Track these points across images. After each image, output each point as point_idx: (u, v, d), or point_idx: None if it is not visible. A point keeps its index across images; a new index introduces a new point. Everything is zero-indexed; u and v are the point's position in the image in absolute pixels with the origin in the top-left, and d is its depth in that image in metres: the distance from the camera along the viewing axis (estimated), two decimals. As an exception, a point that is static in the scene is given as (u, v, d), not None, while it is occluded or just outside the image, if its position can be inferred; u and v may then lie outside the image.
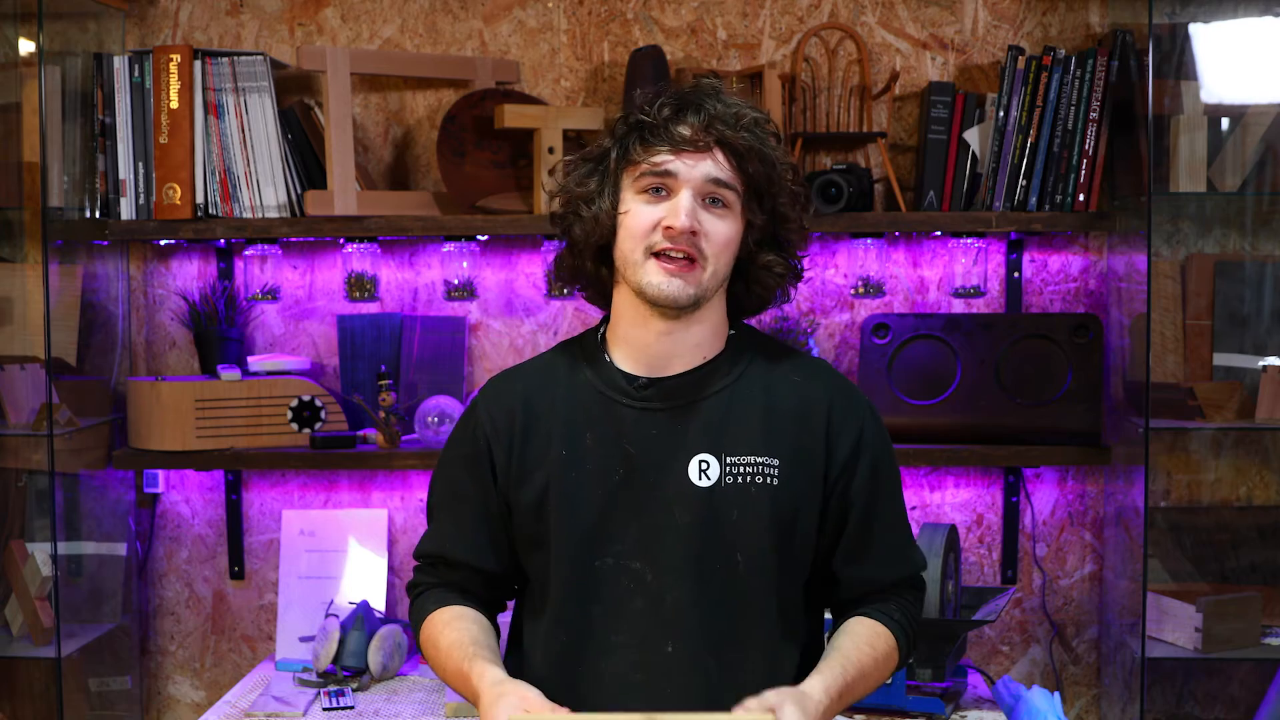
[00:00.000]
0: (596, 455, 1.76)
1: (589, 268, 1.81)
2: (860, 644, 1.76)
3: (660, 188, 1.73)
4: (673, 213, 1.70)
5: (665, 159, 1.71)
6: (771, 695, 1.58)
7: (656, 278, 1.71)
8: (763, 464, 1.75)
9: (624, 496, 1.75)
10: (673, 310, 1.74)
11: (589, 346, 1.84)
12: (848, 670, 1.71)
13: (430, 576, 1.88)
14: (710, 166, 1.71)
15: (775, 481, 1.75)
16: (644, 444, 1.76)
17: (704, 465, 1.75)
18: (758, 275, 1.80)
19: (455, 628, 1.79)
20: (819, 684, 1.67)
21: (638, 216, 1.73)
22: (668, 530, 1.74)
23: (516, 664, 1.84)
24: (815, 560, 1.83)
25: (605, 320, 1.86)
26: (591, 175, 1.79)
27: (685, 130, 1.71)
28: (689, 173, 1.71)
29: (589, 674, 1.76)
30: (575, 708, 1.64)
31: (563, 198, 1.82)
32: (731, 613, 1.75)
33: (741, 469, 1.74)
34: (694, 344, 1.79)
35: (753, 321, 1.91)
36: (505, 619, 1.94)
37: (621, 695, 1.73)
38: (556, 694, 1.69)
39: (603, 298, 1.85)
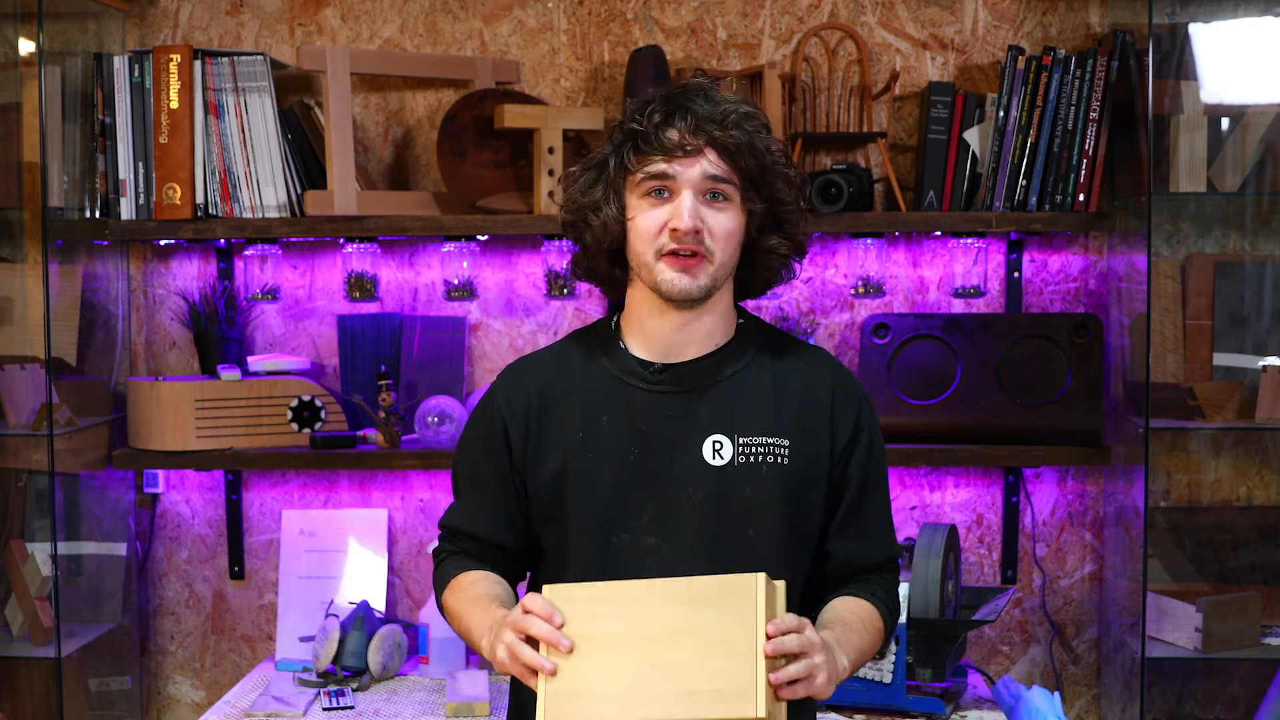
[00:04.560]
0: (613, 436, 1.84)
1: (603, 268, 1.89)
2: (852, 620, 1.83)
3: (662, 190, 1.80)
4: (676, 214, 1.78)
5: (660, 166, 1.79)
6: (816, 637, 1.64)
7: (669, 275, 1.79)
8: (774, 444, 1.83)
9: (640, 475, 1.82)
10: (686, 302, 1.82)
11: (603, 335, 1.92)
12: (853, 643, 1.78)
13: (453, 545, 1.96)
14: (705, 165, 1.78)
15: (785, 461, 1.83)
16: (659, 425, 1.83)
17: (717, 445, 1.82)
18: (762, 259, 1.88)
19: (481, 586, 1.87)
20: (840, 651, 1.74)
21: (645, 221, 1.80)
22: (683, 507, 1.81)
23: None
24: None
25: (617, 310, 1.94)
26: (596, 184, 1.86)
27: (675, 135, 1.78)
28: (686, 174, 1.78)
29: None
30: None
31: (570, 207, 1.90)
32: None
33: (754, 449, 1.82)
34: (706, 332, 1.86)
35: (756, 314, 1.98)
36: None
37: None
38: None
39: (617, 292, 1.93)
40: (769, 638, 1.58)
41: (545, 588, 1.68)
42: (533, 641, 1.64)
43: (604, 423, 1.84)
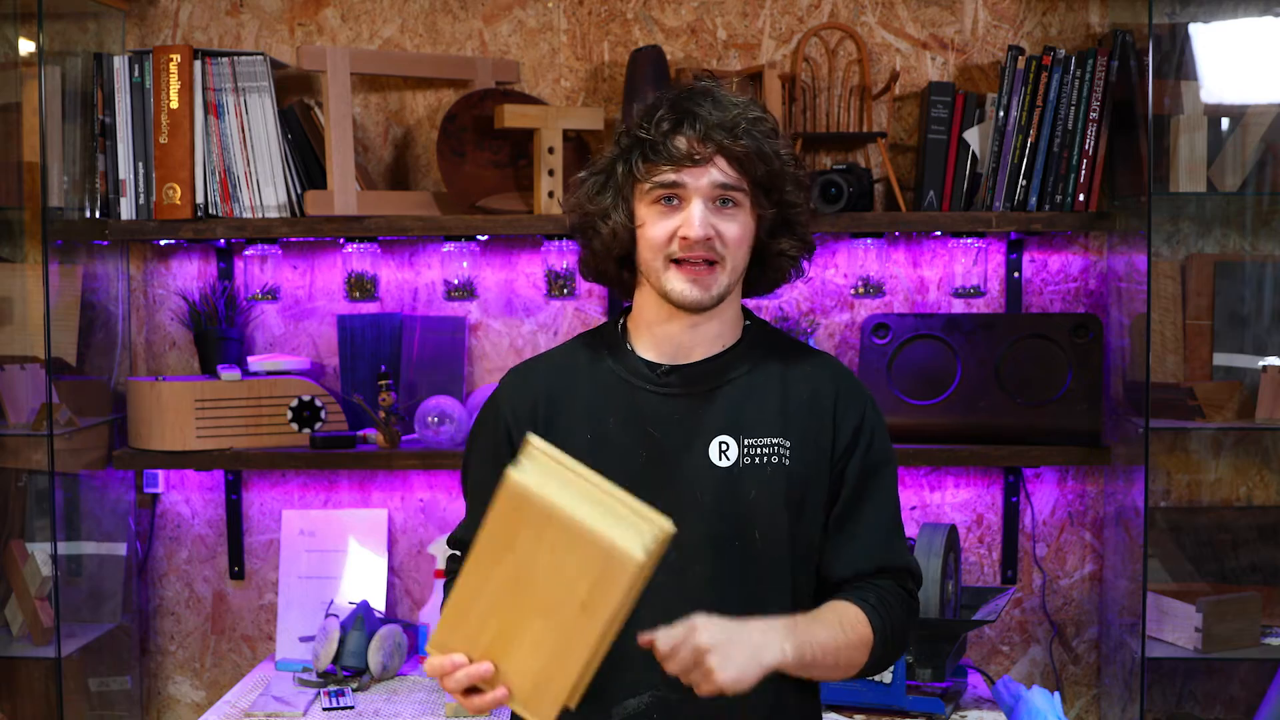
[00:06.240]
0: (620, 438, 1.84)
1: (612, 270, 1.90)
2: (828, 615, 1.80)
3: (672, 198, 1.79)
4: (687, 223, 1.77)
5: (670, 175, 1.78)
6: (704, 641, 1.64)
7: (679, 285, 1.80)
8: (776, 444, 1.83)
9: (648, 477, 1.81)
10: (696, 309, 1.82)
11: (610, 337, 1.92)
12: (813, 634, 1.75)
13: (458, 564, 1.93)
14: (715, 174, 1.78)
15: (788, 461, 1.83)
16: (666, 427, 1.83)
17: (723, 446, 1.83)
18: (772, 261, 1.88)
19: None
20: (784, 639, 1.71)
21: (654, 229, 1.80)
22: (690, 508, 1.80)
23: None
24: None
25: (624, 313, 1.93)
26: (603, 190, 1.86)
27: (684, 144, 1.77)
28: (696, 182, 1.78)
29: (614, 647, 1.81)
30: (601, 680, 1.76)
31: (577, 213, 1.90)
32: (749, 586, 1.83)
33: (758, 450, 1.83)
34: (714, 335, 1.87)
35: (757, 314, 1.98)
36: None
37: (645, 667, 1.80)
38: None
39: (626, 293, 1.93)
40: (650, 645, 1.62)
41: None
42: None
43: (611, 425, 1.84)
